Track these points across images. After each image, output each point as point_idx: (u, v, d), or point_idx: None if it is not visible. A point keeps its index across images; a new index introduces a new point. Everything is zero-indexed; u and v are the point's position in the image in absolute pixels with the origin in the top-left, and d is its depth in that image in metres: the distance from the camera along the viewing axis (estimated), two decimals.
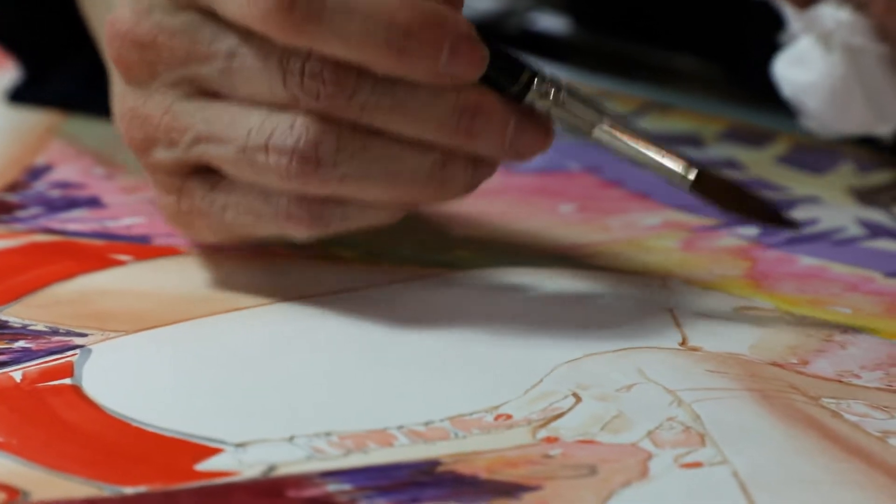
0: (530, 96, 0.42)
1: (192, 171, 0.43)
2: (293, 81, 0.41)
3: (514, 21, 0.74)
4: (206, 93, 0.42)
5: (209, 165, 0.43)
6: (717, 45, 0.67)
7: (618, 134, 0.42)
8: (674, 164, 0.43)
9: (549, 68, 0.71)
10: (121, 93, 0.43)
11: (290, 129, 0.41)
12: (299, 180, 0.41)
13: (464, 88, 0.41)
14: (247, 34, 0.41)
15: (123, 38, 0.42)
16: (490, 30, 0.73)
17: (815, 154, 0.58)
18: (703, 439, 0.38)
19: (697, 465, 0.37)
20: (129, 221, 0.50)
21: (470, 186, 0.42)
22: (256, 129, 0.41)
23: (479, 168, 0.42)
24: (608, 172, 0.56)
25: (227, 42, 0.41)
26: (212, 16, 0.41)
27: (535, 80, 0.42)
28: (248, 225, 0.43)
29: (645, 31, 0.70)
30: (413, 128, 0.41)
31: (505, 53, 0.42)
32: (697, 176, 0.43)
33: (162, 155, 0.43)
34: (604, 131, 0.42)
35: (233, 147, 0.42)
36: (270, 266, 0.47)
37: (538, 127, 0.42)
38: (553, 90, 0.42)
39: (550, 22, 0.73)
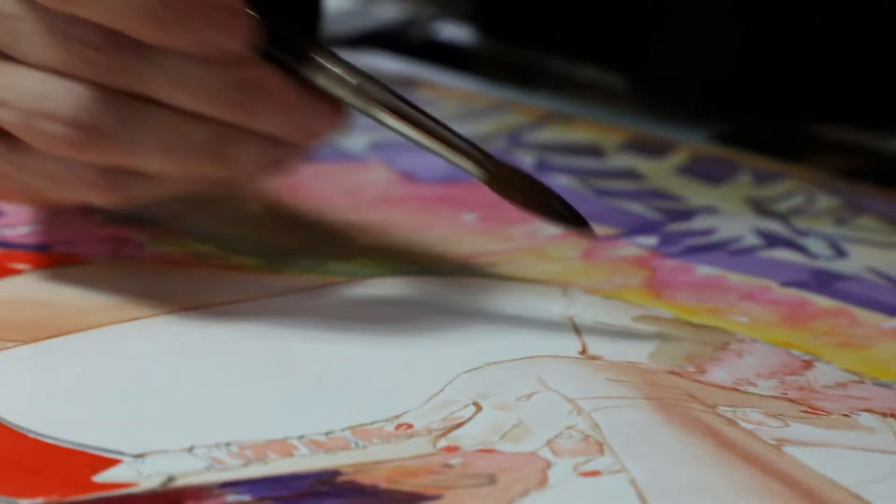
0: (323, 80, 0.41)
1: None
2: (70, 48, 0.40)
3: (417, 30, 0.74)
4: None
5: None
6: (620, 55, 0.68)
7: (407, 124, 0.41)
8: (466, 163, 0.42)
9: (453, 78, 0.71)
10: None
11: (68, 95, 0.41)
12: (79, 149, 0.41)
13: (245, 64, 0.41)
14: None
15: None
16: (394, 39, 0.73)
17: (713, 165, 0.58)
18: (601, 448, 0.38)
19: (596, 473, 0.37)
20: (26, 229, 0.49)
21: (265, 165, 0.42)
22: (38, 95, 0.41)
23: (275, 147, 0.42)
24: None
25: (13, 3, 0.41)
26: None
27: (328, 63, 0.41)
28: (51, 189, 0.42)
29: (548, 40, 0.70)
30: (190, 100, 0.41)
31: (287, 30, 0.41)
32: (492, 175, 0.42)
33: None
34: (394, 116, 0.41)
35: (16, 112, 0.41)
36: (171, 275, 0.47)
37: (327, 106, 0.42)
38: (348, 76, 0.41)
39: (453, 31, 0.74)
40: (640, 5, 0.66)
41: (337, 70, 0.41)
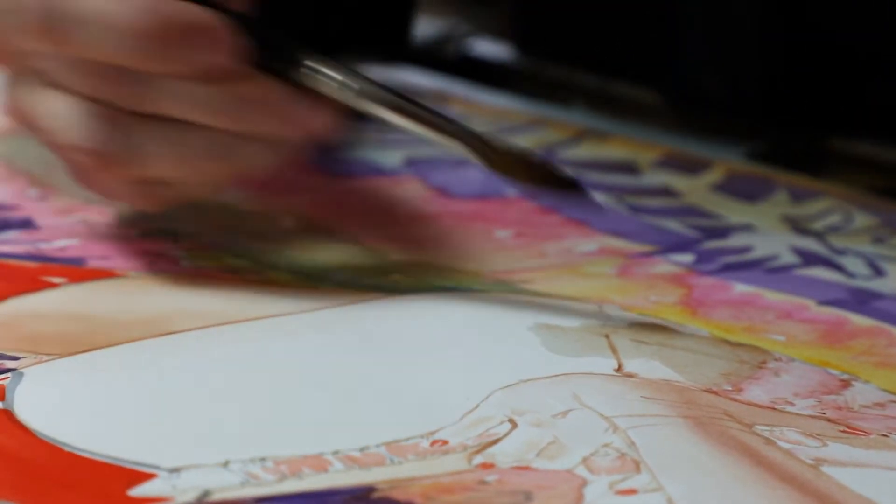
0: (310, 81, 0.44)
1: None
2: (82, 78, 0.44)
3: (452, 47, 0.74)
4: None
5: None
6: (653, 71, 0.67)
7: (409, 119, 0.43)
8: (469, 151, 0.44)
9: (487, 94, 0.71)
10: None
11: (74, 121, 0.44)
12: (98, 173, 0.45)
13: (240, 78, 0.44)
14: None
15: None
16: (428, 55, 0.73)
17: (749, 182, 0.58)
18: (638, 466, 0.38)
19: (632, 491, 0.37)
20: (62, 243, 0.49)
21: (268, 163, 0.45)
22: (56, 126, 0.44)
23: (275, 147, 0.45)
24: (545, 199, 0.56)
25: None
26: None
27: (312, 64, 0.44)
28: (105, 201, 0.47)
29: (582, 57, 0.70)
30: (190, 114, 0.44)
31: (279, 40, 0.44)
32: (493, 161, 0.44)
33: None
34: (398, 114, 0.43)
35: (45, 138, 0.45)
36: (205, 289, 0.47)
37: (321, 108, 0.44)
38: (349, 80, 0.44)
39: (488, 48, 0.74)
40: (672, 21, 0.66)
41: (336, 75, 0.44)
